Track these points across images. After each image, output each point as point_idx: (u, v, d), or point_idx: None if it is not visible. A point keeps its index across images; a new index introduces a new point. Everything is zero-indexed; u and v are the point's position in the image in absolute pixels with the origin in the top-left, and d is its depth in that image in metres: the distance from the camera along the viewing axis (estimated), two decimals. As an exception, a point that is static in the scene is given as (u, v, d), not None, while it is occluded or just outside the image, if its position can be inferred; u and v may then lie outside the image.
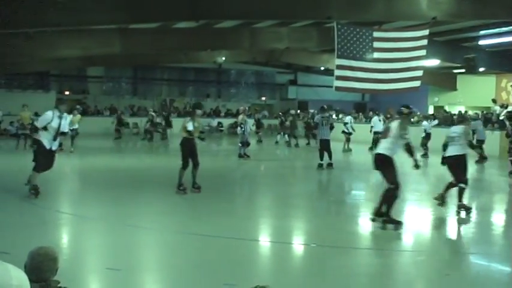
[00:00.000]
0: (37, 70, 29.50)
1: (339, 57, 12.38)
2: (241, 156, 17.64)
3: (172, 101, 35.63)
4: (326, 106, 15.88)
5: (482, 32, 19.69)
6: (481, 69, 23.90)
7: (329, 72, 26.93)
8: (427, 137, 20.10)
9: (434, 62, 22.52)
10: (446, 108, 27.70)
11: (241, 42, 20.96)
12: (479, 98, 26.61)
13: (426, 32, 12.85)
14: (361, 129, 23.83)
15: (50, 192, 10.04)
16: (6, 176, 13.20)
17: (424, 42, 12.84)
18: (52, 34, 17.37)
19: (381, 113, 23.61)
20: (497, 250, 7.28)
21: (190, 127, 10.51)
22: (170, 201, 10.10)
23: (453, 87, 28.51)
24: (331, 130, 15.51)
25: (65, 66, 28.54)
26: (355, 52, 12.39)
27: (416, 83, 13.12)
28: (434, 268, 6.29)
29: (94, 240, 7.31)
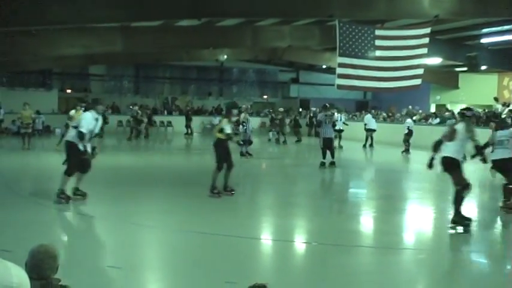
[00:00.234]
0: (39, 68, 29.54)
1: (340, 56, 12.39)
2: (243, 154, 17.62)
3: (175, 99, 35.58)
4: (328, 104, 15.83)
5: (485, 30, 19.67)
6: (483, 68, 23.90)
7: (331, 71, 26.96)
8: (409, 133, 20.53)
9: (436, 60, 22.49)
10: (448, 106, 27.64)
11: (244, 40, 20.96)
12: (481, 96, 26.54)
13: (428, 30, 12.86)
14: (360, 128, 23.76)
15: (52, 190, 10.04)
16: (8, 174, 13.23)
17: (426, 40, 12.85)
18: (54, 32, 17.40)
19: (380, 110, 23.59)
20: (499, 249, 7.28)
21: (229, 130, 10.01)
22: (172, 200, 10.11)
23: (455, 86, 28.46)
24: (333, 128, 15.48)
25: (67, 64, 28.56)
26: (357, 50, 12.40)
27: (418, 81, 13.14)
28: (436, 266, 6.30)
29: (95, 238, 7.33)
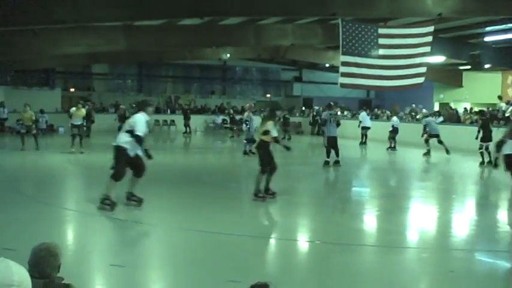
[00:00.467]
0: (42, 67, 29.59)
1: (343, 54, 12.37)
2: (246, 153, 17.59)
3: (177, 97, 35.62)
4: (333, 103, 15.78)
5: (488, 28, 19.63)
6: (487, 66, 23.84)
7: (334, 69, 26.88)
8: (395, 131, 20.70)
9: (439, 58, 22.43)
10: (452, 105, 27.58)
11: (246, 39, 20.95)
12: (485, 94, 26.49)
13: (431, 28, 12.83)
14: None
15: (54, 189, 10.06)
16: (11, 173, 13.25)
17: (429, 38, 12.82)
18: (57, 32, 17.42)
19: (384, 108, 23.60)
20: (502, 247, 7.25)
21: (275, 133, 9.84)
22: (173, 198, 10.12)
23: (459, 84, 28.38)
24: (337, 127, 15.41)
25: (70, 63, 28.60)
26: (360, 49, 12.37)
27: (420, 80, 13.11)
28: (439, 265, 6.28)
29: (98, 237, 7.33)
